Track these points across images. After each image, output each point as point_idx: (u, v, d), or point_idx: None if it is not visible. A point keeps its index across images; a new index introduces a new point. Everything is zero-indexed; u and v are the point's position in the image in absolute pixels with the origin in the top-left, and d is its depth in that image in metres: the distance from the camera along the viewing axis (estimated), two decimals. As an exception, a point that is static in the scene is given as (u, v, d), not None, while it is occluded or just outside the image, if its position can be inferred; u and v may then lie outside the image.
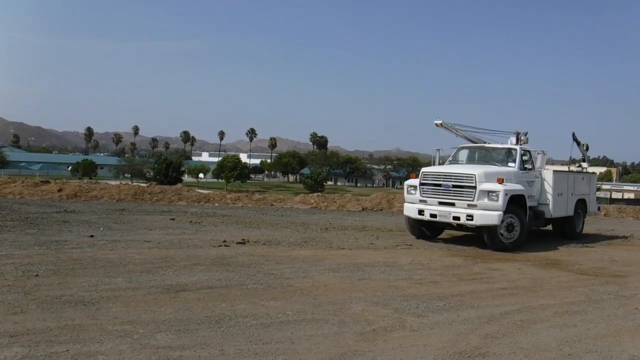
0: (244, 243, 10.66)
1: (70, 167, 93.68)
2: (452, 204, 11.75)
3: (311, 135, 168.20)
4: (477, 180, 11.40)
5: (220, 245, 10.20)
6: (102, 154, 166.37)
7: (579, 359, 4.94)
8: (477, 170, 11.75)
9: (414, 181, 12.67)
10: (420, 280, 7.99)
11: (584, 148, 16.82)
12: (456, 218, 11.62)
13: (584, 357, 4.98)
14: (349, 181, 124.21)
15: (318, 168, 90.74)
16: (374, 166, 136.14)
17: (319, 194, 27.57)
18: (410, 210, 12.57)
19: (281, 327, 5.31)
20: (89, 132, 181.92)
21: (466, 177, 11.63)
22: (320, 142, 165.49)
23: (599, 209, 17.13)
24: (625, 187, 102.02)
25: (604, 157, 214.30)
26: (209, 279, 7.24)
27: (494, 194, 11.25)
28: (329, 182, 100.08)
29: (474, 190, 11.40)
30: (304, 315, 5.76)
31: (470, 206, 11.44)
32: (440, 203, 11.95)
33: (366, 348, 4.84)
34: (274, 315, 5.71)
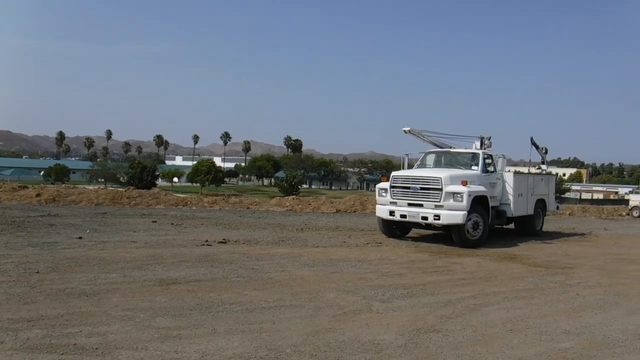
0: (225, 242, 11.37)
1: (42, 172, 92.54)
2: (421, 205, 12.60)
3: (285, 138, 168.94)
4: (443, 182, 12.27)
5: (203, 245, 10.89)
6: (73, 159, 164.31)
7: (519, 333, 5.81)
8: (443, 173, 12.63)
9: (385, 184, 13.51)
10: (388, 273, 8.83)
11: (543, 151, 17.90)
12: (424, 218, 12.48)
13: (523, 332, 5.85)
14: (323, 184, 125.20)
15: (293, 171, 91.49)
16: (349, 169, 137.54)
17: (294, 196, 28.28)
18: (382, 211, 13.42)
19: (263, 312, 6.07)
20: (61, 136, 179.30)
21: (433, 180, 12.49)
22: (294, 145, 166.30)
23: (557, 208, 18.24)
24: (595, 188, 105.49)
25: (575, 158, 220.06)
26: (196, 273, 7.96)
27: (459, 196, 12.14)
28: (304, 185, 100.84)
29: (440, 192, 12.28)
30: (283, 302, 6.53)
31: (437, 207, 12.30)
32: (410, 204, 12.80)
33: (337, 327, 5.63)
34: (256, 302, 6.47)
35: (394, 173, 13.60)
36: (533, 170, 18.01)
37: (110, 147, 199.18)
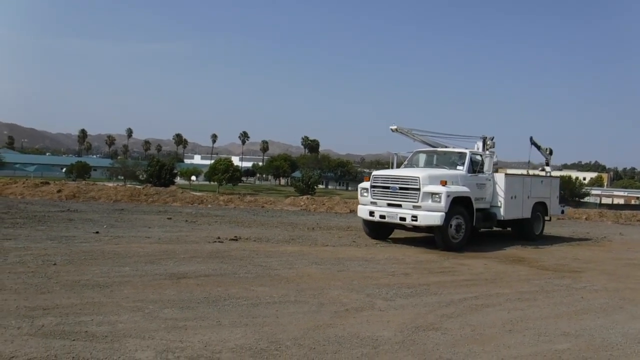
0: (237, 240, 11.62)
1: (64, 169, 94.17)
2: (399, 206, 12.29)
3: (303, 138, 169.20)
4: (421, 182, 11.92)
5: (215, 241, 11.16)
6: (95, 156, 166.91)
7: (518, 333, 5.91)
8: (421, 173, 12.31)
9: (366, 184, 13.31)
10: (394, 272, 8.98)
11: (547, 152, 17.22)
12: (402, 219, 12.15)
13: (522, 332, 5.95)
14: (340, 185, 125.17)
15: (309, 171, 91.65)
16: (365, 170, 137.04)
17: (308, 196, 28.43)
18: (363, 211, 13.18)
19: (268, 306, 6.27)
20: (83, 134, 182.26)
21: (411, 179, 12.18)
22: (311, 145, 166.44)
23: (562, 212, 17.31)
24: (615, 193, 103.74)
25: (596, 162, 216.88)
26: (206, 268, 8.21)
27: (437, 196, 11.73)
28: (320, 186, 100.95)
29: (418, 192, 11.94)
30: (288, 298, 6.73)
31: (415, 207, 11.94)
32: (389, 204, 12.53)
33: (338, 322, 5.81)
34: (262, 297, 6.68)
35: (374, 172, 13.41)
36: (536, 172, 17.53)
37: (130, 145, 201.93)
